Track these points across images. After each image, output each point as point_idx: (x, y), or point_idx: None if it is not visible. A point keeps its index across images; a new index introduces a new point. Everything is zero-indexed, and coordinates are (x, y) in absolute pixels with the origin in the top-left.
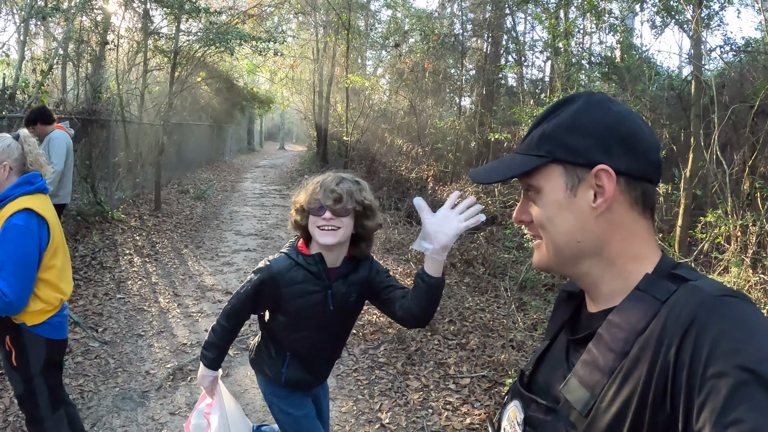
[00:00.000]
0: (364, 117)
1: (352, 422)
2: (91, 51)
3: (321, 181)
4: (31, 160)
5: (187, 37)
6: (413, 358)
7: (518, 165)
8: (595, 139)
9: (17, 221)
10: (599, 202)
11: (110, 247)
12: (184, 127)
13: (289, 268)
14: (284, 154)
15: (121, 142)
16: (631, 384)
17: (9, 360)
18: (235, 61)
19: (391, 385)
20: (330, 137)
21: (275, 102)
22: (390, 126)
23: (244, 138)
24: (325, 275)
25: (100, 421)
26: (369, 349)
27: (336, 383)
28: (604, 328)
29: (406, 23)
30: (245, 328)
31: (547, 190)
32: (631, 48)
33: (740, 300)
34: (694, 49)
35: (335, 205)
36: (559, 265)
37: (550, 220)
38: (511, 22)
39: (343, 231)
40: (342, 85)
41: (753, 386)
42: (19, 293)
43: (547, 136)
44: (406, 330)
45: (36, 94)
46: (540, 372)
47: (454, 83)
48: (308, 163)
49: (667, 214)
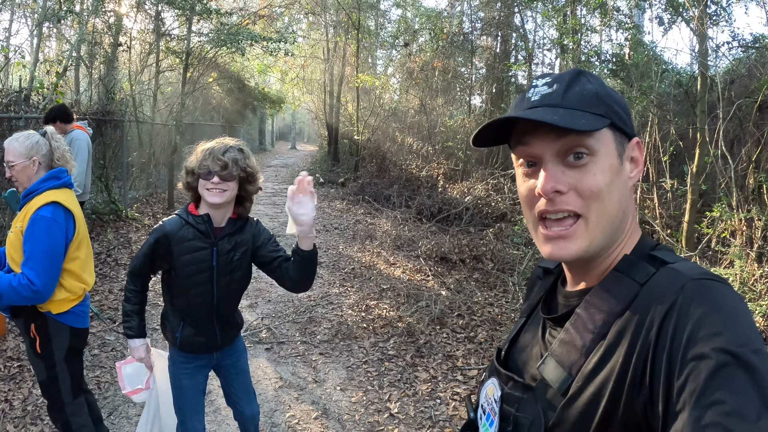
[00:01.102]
0: (375, 116)
1: (361, 412)
2: (104, 53)
3: (210, 149)
4: (58, 156)
5: (198, 38)
6: (422, 351)
7: (592, 121)
8: (626, 112)
9: (45, 213)
10: (636, 173)
11: (124, 244)
12: (197, 127)
13: (180, 226)
14: (296, 154)
15: (134, 142)
16: (610, 365)
17: (33, 347)
18: (246, 62)
19: (400, 376)
20: (341, 136)
21: (286, 102)
22: (400, 125)
23: (255, 138)
24: (212, 233)
25: (117, 411)
26: (379, 342)
27: (346, 374)
28: (583, 308)
29: (415, 22)
30: (257, 321)
31: (603, 153)
32: (640, 45)
33: (720, 283)
34: (699, 45)
35: (222, 171)
36: (606, 243)
37: (608, 185)
38: (520, 20)
39: (229, 193)
40: (352, 85)
41: (733, 368)
42: (46, 282)
43: (600, 97)
44: (415, 323)
45: (51, 96)
46: (516, 349)
47: (464, 82)
48: (319, 162)
49: (674, 210)
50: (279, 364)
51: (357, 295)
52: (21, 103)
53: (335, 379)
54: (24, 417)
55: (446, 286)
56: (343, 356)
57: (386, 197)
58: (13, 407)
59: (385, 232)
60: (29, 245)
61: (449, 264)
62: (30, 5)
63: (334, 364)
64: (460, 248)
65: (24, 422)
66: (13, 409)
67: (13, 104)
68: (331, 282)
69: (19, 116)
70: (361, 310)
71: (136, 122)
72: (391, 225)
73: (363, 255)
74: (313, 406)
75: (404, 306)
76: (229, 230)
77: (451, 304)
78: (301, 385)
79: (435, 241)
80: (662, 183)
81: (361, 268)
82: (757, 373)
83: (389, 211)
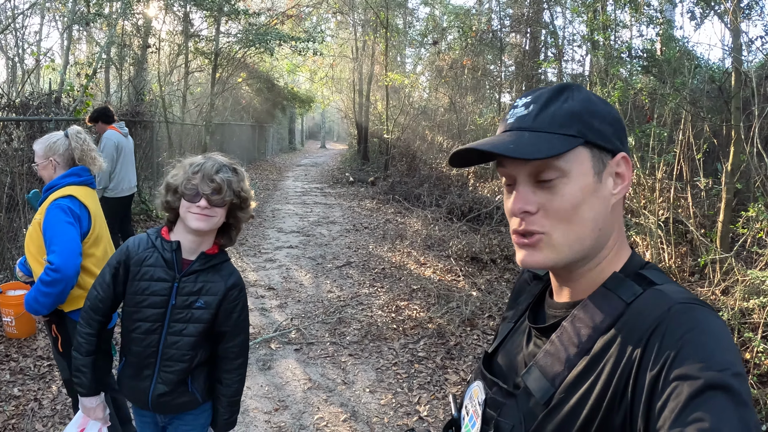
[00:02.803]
0: (404, 114)
1: (390, 414)
2: (134, 54)
3: (200, 166)
4: (79, 156)
5: (226, 39)
6: (452, 353)
7: (556, 143)
8: (612, 127)
9: (59, 202)
10: (619, 189)
11: None
12: (226, 127)
13: (145, 247)
14: (325, 153)
15: (164, 142)
16: (591, 379)
17: (55, 346)
18: (275, 62)
19: (429, 378)
20: (370, 135)
21: (316, 101)
22: (430, 123)
23: (285, 137)
24: (177, 266)
25: None
26: (409, 344)
27: (376, 376)
28: (569, 322)
29: (444, 20)
30: (287, 322)
31: (576, 174)
32: (672, 40)
33: (704, 308)
34: (732, 40)
35: (213, 195)
36: (574, 259)
37: (576, 207)
38: (550, 17)
39: (216, 219)
40: (381, 83)
41: (714, 391)
42: (64, 259)
43: (577, 115)
44: (445, 325)
45: (81, 98)
46: (500, 355)
47: (494, 79)
48: (349, 161)
49: (708, 209)
50: (308, 365)
51: (387, 295)
52: (51, 106)
53: (364, 381)
54: (53, 416)
55: (477, 287)
56: (372, 357)
57: (416, 196)
58: (42, 406)
59: (415, 231)
60: (47, 233)
61: (480, 264)
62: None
63: (363, 366)
64: (491, 248)
65: (53, 421)
66: (42, 408)
67: (44, 106)
68: (361, 282)
69: (50, 118)
70: (391, 311)
71: (166, 123)
72: (422, 224)
73: (393, 255)
74: (342, 408)
75: (434, 307)
76: (199, 267)
77: (482, 305)
78: (330, 386)
79: (466, 241)
80: (696, 182)
81: (392, 268)
82: (736, 395)
83: (419, 211)
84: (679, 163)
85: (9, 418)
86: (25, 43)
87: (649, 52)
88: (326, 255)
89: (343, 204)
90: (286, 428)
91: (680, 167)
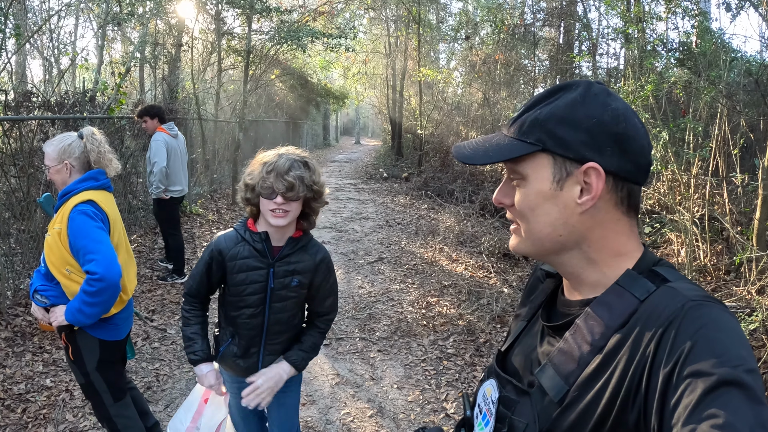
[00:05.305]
0: (438, 110)
1: (417, 411)
2: (167, 53)
3: (273, 165)
4: (95, 158)
5: (259, 36)
6: (482, 350)
7: (506, 149)
8: (589, 134)
9: (82, 208)
10: (585, 200)
11: (188, 240)
12: (260, 124)
13: (236, 242)
14: (360, 149)
15: (198, 139)
16: (605, 377)
17: (67, 354)
18: (308, 58)
19: (458, 375)
20: (404, 131)
21: (349, 97)
22: (464, 119)
23: (319, 133)
24: (269, 254)
25: (174, 403)
26: (438, 340)
27: (404, 372)
28: (582, 319)
29: (476, 15)
30: None
31: (533, 179)
32: (707, 32)
33: (717, 305)
34: None
35: (287, 192)
36: (537, 255)
37: (532, 210)
38: (583, 10)
39: (292, 213)
40: (415, 79)
41: (728, 387)
42: (106, 265)
43: (539, 123)
44: (476, 321)
45: (115, 96)
46: (514, 353)
47: (527, 74)
48: (383, 157)
49: (745, 206)
50: (337, 361)
51: (418, 291)
52: (86, 104)
53: (392, 377)
54: (83, 407)
55: (508, 284)
56: (401, 354)
57: (449, 192)
58: (73, 397)
59: (448, 227)
60: (78, 242)
61: (512, 261)
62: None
63: (392, 362)
64: None
65: (83, 411)
66: (73, 399)
67: (79, 105)
68: (393, 278)
69: (84, 116)
70: (422, 307)
71: (200, 120)
72: (454, 220)
73: (425, 251)
74: (369, 404)
75: (465, 303)
76: (289, 251)
77: (512, 302)
78: (358, 382)
79: (498, 237)
80: (732, 177)
81: (423, 264)
82: (751, 391)
83: (452, 207)
84: (715, 158)
85: (40, 408)
86: (60, 44)
87: (685, 45)
88: (358, 251)
89: (376, 200)
90: (312, 423)
91: (716, 163)
